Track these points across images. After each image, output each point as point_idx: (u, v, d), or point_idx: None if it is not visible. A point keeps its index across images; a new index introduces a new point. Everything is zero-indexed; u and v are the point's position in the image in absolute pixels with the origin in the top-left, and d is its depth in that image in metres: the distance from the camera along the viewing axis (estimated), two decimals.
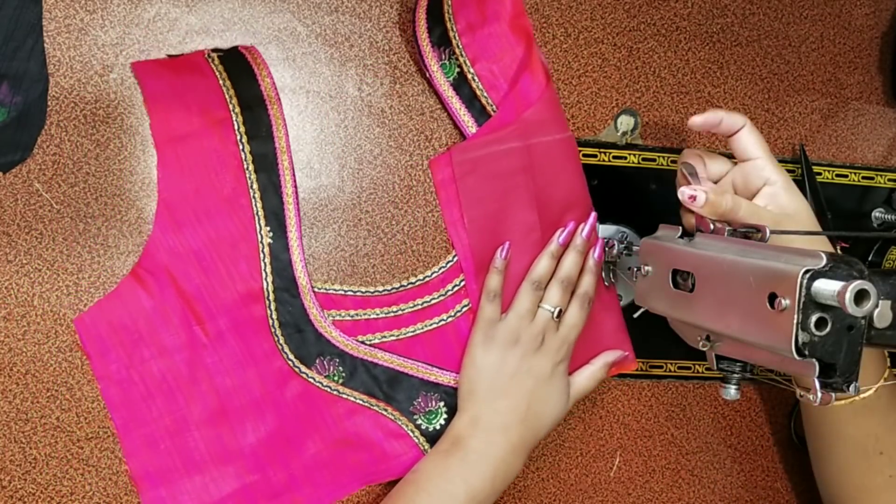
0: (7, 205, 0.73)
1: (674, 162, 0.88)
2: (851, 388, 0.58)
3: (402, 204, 0.81)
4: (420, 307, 0.81)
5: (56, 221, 0.74)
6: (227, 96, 0.76)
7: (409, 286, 0.81)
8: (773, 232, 0.68)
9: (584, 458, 0.88)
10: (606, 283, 0.84)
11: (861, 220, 0.94)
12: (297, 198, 0.78)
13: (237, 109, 0.76)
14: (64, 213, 0.74)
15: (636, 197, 0.87)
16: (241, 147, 0.76)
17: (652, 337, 0.87)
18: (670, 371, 0.90)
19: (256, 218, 0.77)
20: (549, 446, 0.87)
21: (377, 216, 0.81)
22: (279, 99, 0.77)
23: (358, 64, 0.80)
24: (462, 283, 0.82)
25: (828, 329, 0.56)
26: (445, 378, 0.81)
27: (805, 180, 0.89)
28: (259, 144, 0.77)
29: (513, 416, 0.77)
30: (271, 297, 0.77)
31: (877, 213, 0.94)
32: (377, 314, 0.80)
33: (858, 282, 0.53)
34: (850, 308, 0.53)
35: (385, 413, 0.80)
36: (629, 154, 0.87)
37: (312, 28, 0.79)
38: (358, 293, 0.80)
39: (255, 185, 0.77)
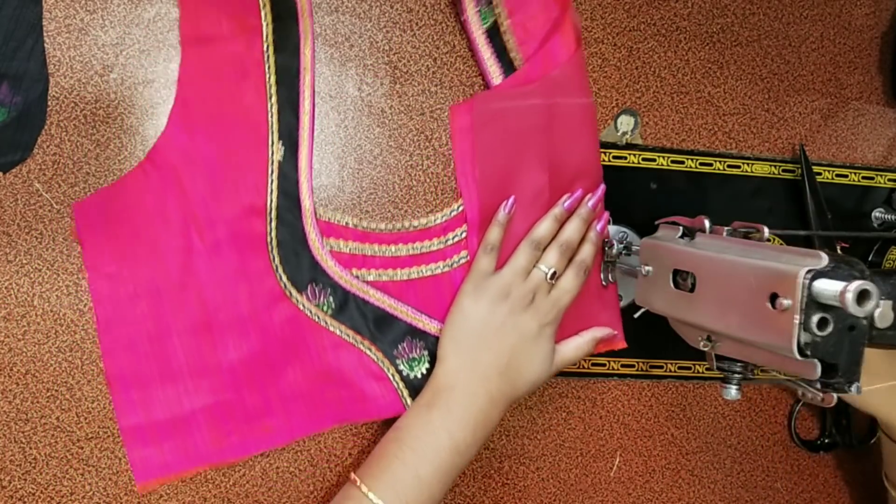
0: (7, 205, 0.73)
1: (674, 162, 0.88)
2: (853, 388, 0.58)
3: (402, 204, 0.81)
4: (419, 252, 0.80)
5: (56, 221, 0.74)
6: (261, 3, 0.75)
7: (412, 229, 0.80)
8: (772, 232, 0.68)
9: (584, 458, 0.88)
10: (605, 283, 0.84)
11: (861, 220, 0.94)
12: (313, 119, 0.77)
13: (269, 19, 0.75)
14: (64, 213, 0.74)
15: (636, 197, 0.87)
16: (266, 58, 0.75)
17: (652, 337, 0.87)
18: (670, 371, 0.90)
19: (270, 132, 0.75)
20: (549, 446, 0.87)
21: (377, 216, 0.81)
22: (312, 14, 0.76)
23: (358, 64, 0.80)
24: (464, 235, 0.81)
25: (829, 329, 0.56)
26: (433, 327, 0.80)
27: (805, 180, 0.89)
28: (284, 57, 0.76)
29: (493, 368, 0.75)
30: (273, 213, 0.76)
31: (877, 213, 0.94)
32: (375, 251, 0.79)
33: (860, 282, 0.53)
34: (852, 308, 0.53)
35: (369, 352, 0.78)
36: (629, 154, 0.87)
37: (312, 28, 0.79)
38: (359, 227, 0.79)
39: (274, 99, 0.76)
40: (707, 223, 0.71)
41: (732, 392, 0.72)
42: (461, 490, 0.85)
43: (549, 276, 0.78)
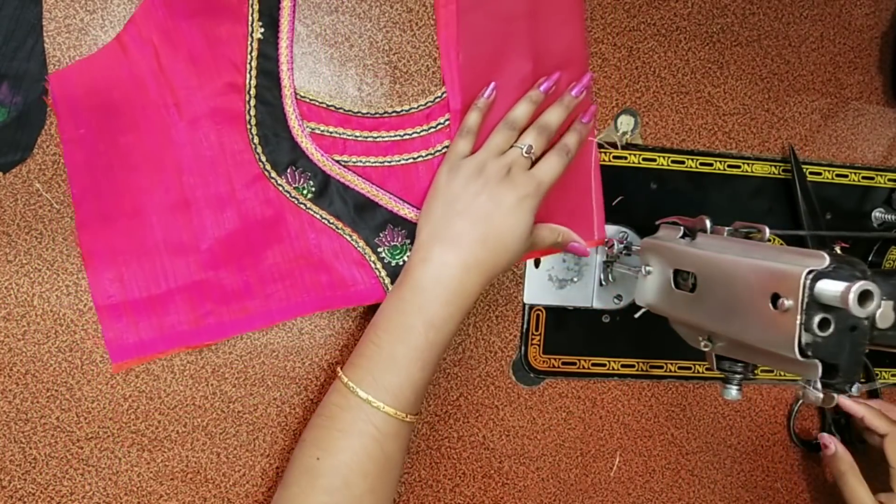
0: (7, 205, 0.73)
1: (674, 162, 0.88)
2: (853, 388, 0.58)
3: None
4: (400, 138, 0.79)
5: (56, 221, 0.74)
6: None
7: (393, 114, 0.79)
8: (772, 232, 0.68)
9: (584, 458, 0.88)
10: (604, 283, 0.84)
11: (861, 220, 0.94)
12: (294, 0, 0.76)
13: None
14: (64, 213, 0.74)
15: (636, 197, 0.87)
16: None
17: (652, 337, 0.88)
18: (670, 371, 0.90)
19: (251, 10, 0.74)
20: (549, 446, 0.87)
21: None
22: None
23: (358, 64, 0.80)
24: (447, 123, 0.80)
25: (831, 330, 0.56)
26: (414, 215, 0.78)
27: (795, 181, 0.89)
28: None
29: (467, 236, 0.73)
30: (252, 92, 0.75)
31: (877, 213, 0.94)
32: (356, 136, 0.78)
33: (862, 282, 0.53)
34: (854, 309, 0.53)
35: (350, 239, 0.77)
36: (629, 154, 0.87)
37: (312, 28, 0.79)
38: (341, 110, 0.78)
39: None
40: (708, 223, 0.71)
41: (733, 392, 0.72)
42: (461, 490, 0.85)
43: (524, 150, 0.76)
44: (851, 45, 0.94)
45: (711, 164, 0.89)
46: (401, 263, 0.78)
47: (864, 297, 0.53)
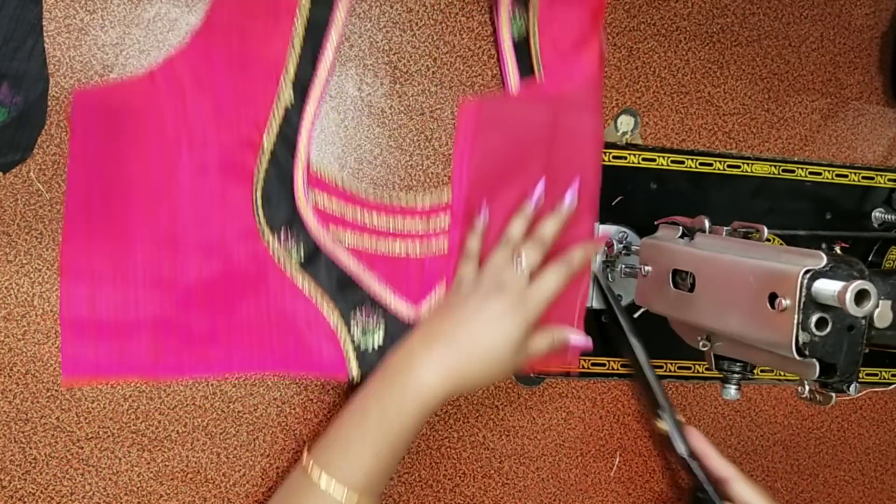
0: (7, 205, 0.73)
1: (674, 162, 0.88)
2: (852, 388, 0.58)
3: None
4: (399, 228, 0.80)
5: (56, 221, 0.74)
6: None
7: (398, 203, 0.80)
8: (771, 232, 0.68)
9: (584, 458, 0.88)
10: (603, 283, 0.84)
11: (861, 220, 0.94)
12: (331, 74, 0.77)
13: None
14: (64, 213, 0.74)
15: (636, 197, 0.87)
16: (300, 6, 0.75)
17: (652, 337, 0.87)
18: (670, 371, 0.90)
19: (285, 77, 0.75)
20: (549, 446, 0.87)
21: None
22: None
23: (358, 64, 0.80)
24: (445, 226, 0.80)
25: (828, 329, 0.56)
26: (394, 304, 0.79)
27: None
28: (318, 10, 0.76)
29: (450, 341, 0.72)
30: (267, 153, 0.75)
31: (877, 213, 0.94)
32: (356, 215, 0.78)
33: (859, 282, 0.53)
34: (851, 308, 0.53)
35: (325, 310, 0.77)
36: (629, 154, 0.87)
37: None
38: (348, 188, 0.78)
39: (298, 48, 0.75)
40: (707, 223, 0.71)
41: (732, 392, 0.72)
42: (461, 490, 0.85)
43: (522, 267, 0.75)
44: (851, 45, 0.94)
45: (711, 164, 0.89)
46: (369, 349, 0.78)
47: (860, 296, 0.53)
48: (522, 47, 0.81)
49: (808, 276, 0.56)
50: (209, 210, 0.75)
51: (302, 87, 0.76)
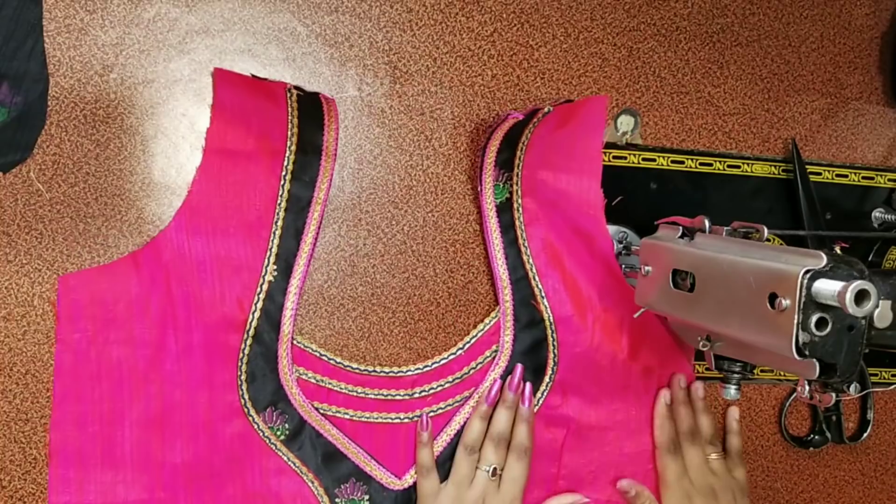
0: (7, 205, 0.73)
1: (674, 162, 0.88)
2: (851, 388, 0.58)
3: (402, 204, 0.81)
4: (383, 398, 0.81)
5: (56, 221, 0.74)
6: (289, 132, 0.76)
7: (381, 374, 0.81)
8: (771, 232, 0.68)
9: None
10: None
11: (861, 220, 0.94)
12: (313, 248, 0.78)
13: (293, 148, 0.76)
14: (64, 213, 0.74)
15: (636, 197, 0.87)
16: (282, 183, 0.76)
17: None
18: None
19: (269, 254, 0.76)
20: None
21: (377, 216, 0.81)
22: (336, 155, 0.77)
23: (358, 64, 0.80)
24: (430, 391, 0.82)
25: (828, 329, 0.56)
26: (380, 474, 0.80)
27: (797, 179, 0.89)
28: (299, 187, 0.77)
29: None
30: (251, 331, 0.76)
31: (877, 213, 0.94)
32: (341, 388, 0.79)
33: (859, 282, 0.53)
34: (851, 308, 0.53)
35: (311, 485, 0.78)
36: (629, 154, 0.87)
37: (312, 28, 0.79)
38: (332, 361, 0.79)
39: (280, 223, 0.77)
40: (707, 223, 0.71)
41: (732, 392, 0.72)
42: None
43: (490, 472, 0.79)
44: (851, 45, 0.94)
45: (711, 164, 0.89)
46: None
47: (860, 296, 0.53)
48: (505, 214, 0.82)
49: (808, 276, 0.56)
50: (194, 392, 0.76)
51: (286, 262, 0.77)
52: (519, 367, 0.82)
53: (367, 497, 0.80)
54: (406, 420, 0.81)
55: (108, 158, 0.75)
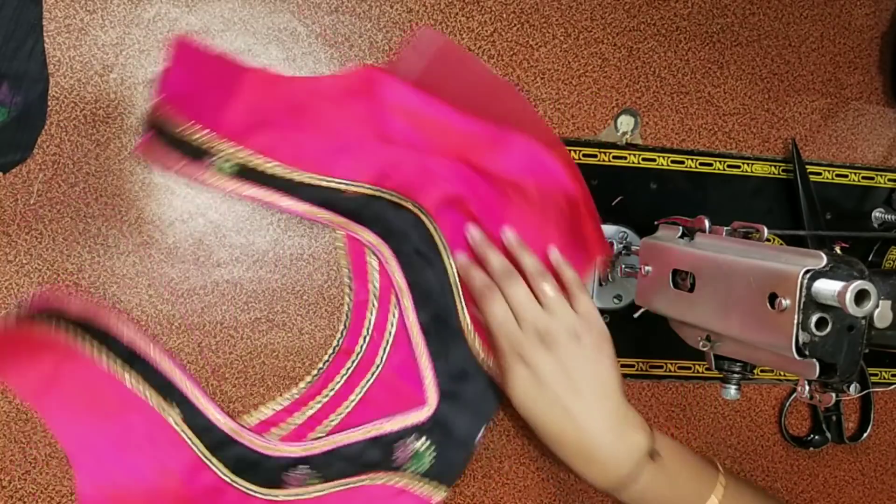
0: (7, 205, 0.73)
1: (674, 162, 0.88)
2: (851, 388, 0.58)
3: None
4: (344, 379, 0.79)
5: (56, 221, 0.74)
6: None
7: (325, 366, 0.80)
8: (771, 232, 0.68)
9: None
10: (603, 283, 0.84)
11: (861, 220, 0.94)
12: (181, 366, 0.76)
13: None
14: (64, 213, 0.74)
15: (636, 197, 0.87)
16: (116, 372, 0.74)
17: (652, 337, 0.87)
18: (670, 371, 0.90)
19: (154, 403, 0.74)
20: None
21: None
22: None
23: (358, 64, 0.80)
24: (368, 340, 0.80)
25: (828, 329, 0.56)
26: (411, 418, 0.79)
27: (797, 179, 0.89)
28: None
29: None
30: (211, 459, 0.75)
31: (877, 213, 0.94)
32: (312, 408, 0.79)
33: (859, 282, 0.53)
34: (851, 308, 0.53)
35: (376, 481, 0.78)
36: (629, 154, 0.87)
37: (312, 28, 0.79)
38: (285, 401, 0.79)
39: (134, 380, 0.74)
40: (707, 223, 0.71)
41: (732, 392, 0.72)
42: (461, 490, 0.85)
43: (556, 302, 0.74)
44: (851, 45, 0.94)
45: (711, 164, 0.89)
46: (432, 461, 0.78)
47: (860, 296, 0.53)
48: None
49: (808, 276, 0.56)
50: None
51: (170, 390, 0.75)
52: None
53: (423, 439, 0.78)
54: (378, 370, 0.79)
55: (108, 158, 0.75)
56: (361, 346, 0.80)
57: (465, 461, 0.80)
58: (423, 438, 0.79)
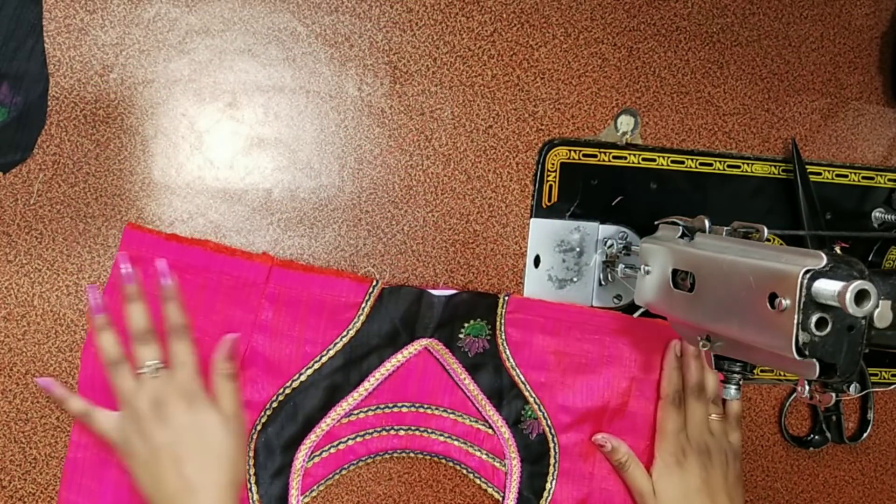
0: (7, 205, 0.73)
1: (674, 162, 0.88)
2: (851, 388, 0.58)
3: (402, 204, 0.81)
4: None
5: (56, 221, 0.74)
6: None
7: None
8: (771, 232, 0.68)
9: None
10: (603, 283, 0.84)
11: (861, 220, 0.94)
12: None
13: None
14: (64, 213, 0.74)
15: (636, 197, 0.87)
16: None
17: None
18: None
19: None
20: None
21: (377, 216, 0.81)
22: None
23: (358, 64, 0.80)
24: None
25: (828, 329, 0.56)
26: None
27: (797, 179, 0.89)
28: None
29: None
30: None
31: (877, 213, 0.94)
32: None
33: (859, 282, 0.53)
34: (851, 308, 0.53)
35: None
36: (629, 154, 0.87)
37: (312, 28, 0.79)
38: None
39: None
40: (707, 223, 0.71)
41: (732, 392, 0.72)
42: (461, 490, 0.85)
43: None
44: (851, 45, 0.94)
45: (711, 164, 0.89)
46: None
47: (860, 296, 0.53)
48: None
49: (808, 276, 0.56)
50: None
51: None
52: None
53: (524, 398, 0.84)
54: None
55: (108, 158, 0.75)
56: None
57: None
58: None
